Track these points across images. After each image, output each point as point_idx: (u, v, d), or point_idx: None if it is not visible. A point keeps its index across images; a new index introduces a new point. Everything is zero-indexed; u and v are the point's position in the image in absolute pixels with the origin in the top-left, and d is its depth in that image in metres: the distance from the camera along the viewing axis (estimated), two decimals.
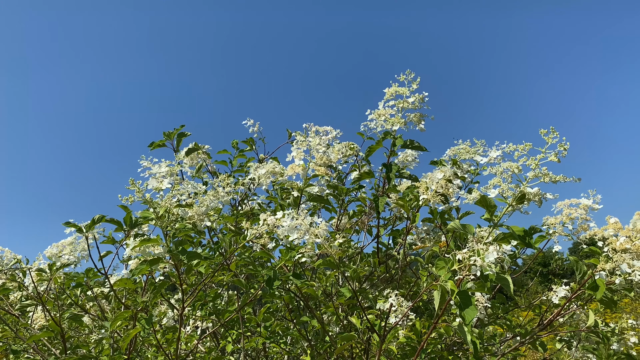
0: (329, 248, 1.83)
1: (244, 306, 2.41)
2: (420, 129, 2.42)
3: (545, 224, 1.94)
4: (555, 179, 1.75)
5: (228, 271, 2.09)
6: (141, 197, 1.64)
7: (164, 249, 1.70)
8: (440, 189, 1.98)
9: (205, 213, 1.97)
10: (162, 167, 1.82)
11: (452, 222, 1.88)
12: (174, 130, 2.83)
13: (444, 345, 2.61)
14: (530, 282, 6.43)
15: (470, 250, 1.57)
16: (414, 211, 2.23)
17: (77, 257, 2.22)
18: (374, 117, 2.44)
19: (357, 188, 2.81)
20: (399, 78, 2.40)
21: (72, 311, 2.34)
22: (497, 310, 2.62)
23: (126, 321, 2.12)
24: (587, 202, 1.87)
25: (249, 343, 2.57)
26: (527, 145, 1.75)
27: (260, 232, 1.84)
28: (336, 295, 2.46)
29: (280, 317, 2.85)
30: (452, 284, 1.53)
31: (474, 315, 1.52)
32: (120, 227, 2.06)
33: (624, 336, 2.42)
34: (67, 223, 2.02)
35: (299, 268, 2.58)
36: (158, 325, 2.88)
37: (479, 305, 2.29)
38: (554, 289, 2.30)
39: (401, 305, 2.17)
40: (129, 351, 2.14)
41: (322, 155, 2.34)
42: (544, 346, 2.41)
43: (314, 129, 2.43)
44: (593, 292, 1.81)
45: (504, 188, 1.77)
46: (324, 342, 2.53)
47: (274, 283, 1.89)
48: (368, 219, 2.91)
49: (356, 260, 2.71)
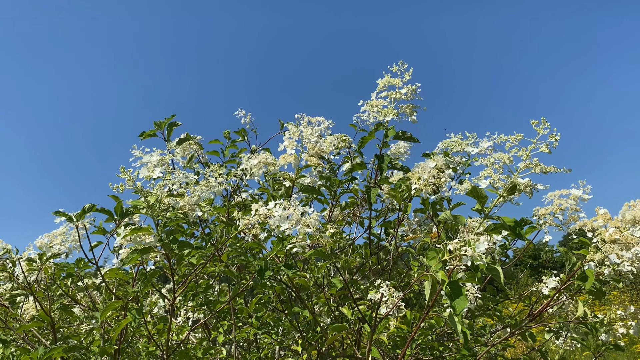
0: (321, 238, 1.83)
1: (236, 297, 2.41)
2: (412, 120, 2.42)
3: (535, 215, 1.95)
4: (547, 170, 1.76)
5: (220, 262, 2.09)
6: (132, 186, 1.63)
7: (155, 238, 1.69)
8: (432, 179, 1.99)
9: (197, 203, 1.96)
10: (154, 156, 1.81)
11: (444, 212, 1.89)
12: (165, 120, 2.81)
13: (435, 336, 2.63)
14: (520, 274, 6.48)
15: (461, 241, 1.58)
16: (406, 202, 2.23)
17: (68, 247, 2.21)
18: (366, 108, 2.44)
19: (350, 179, 2.81)
20: (391, 69, 2.39)
21: (62, 302, 2.33)
22: (488, 302, 2.64)
23: (117, 311, 2.11)
24: (577, 192, 1.89)
25: (241, 334, 2.57)
26: (518, 136, 1.76)
27: (252, 222, 1.84)
28: (328, 286, 2.47)
29: (271, 308, 2.85)
30: (443, 274, 1.53)
31: (464, 305, 1.52)
32: (111, 217, 2.05)
33: (613, 327, 2.45)
34: (58, 212, 2.00)
35: (291, 259, 2.58)
36: (149, 315, 2.87)
37: (470, 296, 2.31)
38: (544, 280, 2.32)
39: (392, 295, 2.18)
40: (119, 341, 2.13)
41: (314, 145, 2.34)
42: (533, 337, 2.43)
43: (306, 119, 2.42)
44: (582, 282, 1.82)
45: (495, 179, 1.78)
46: (315, 333, 2.53)
47: (266, 273, 1.89)
48: (360, 210, 2.92)
49: (348, 252, 2.72)
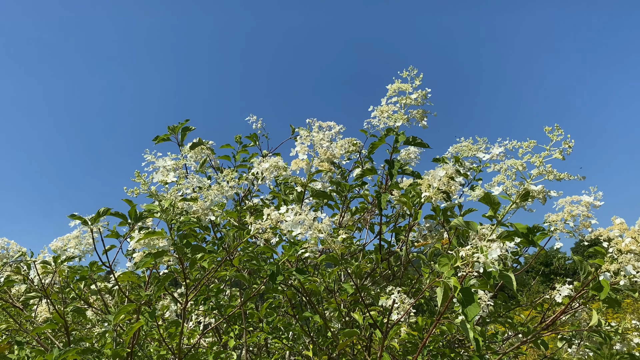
0: (332, 244, 1.83)
1: (247, 301, 2.42)
2: (422, 125, 2.42)
3: (546, 221, 1.94)
4: (560, 177, 1.75)
5: (231, 266, 2.10)
6: (146, 190, 1.64)
7: (169, 242, 1.71)
8: (442, 186, 1.98)
9: (209, 207, 1.98)
10: (168, 160, 1.83)
11: (455, 219, 1.88)
12: (179, 124, 2.83)
13: (446, 342, 2.62)
14: (532, 281, 6.42)
15: (473, 247, 1.57)
16: (417, 208, 2.23)
17: (82, 250, 2.23)
18: (376, 114, 2.45)
19: (360, 185, 2.81)
20: (401, 74, 2.40)
21: (75, 304, 2.36)
22: (499, 309, 2.62)
23: (129, 315, 2.12)
24: (588, 199, 1.87)
25: (251, 338, 2.58)
26: (531, 142, 1.75)
27: (264, 226, 1.85)
28: (338, 292, 2.47)
29: (282, 313, 2.86)
30: (455, 281, 1.53)
31: (476, 312, 1.52)
32: (125, 221, 2.07)
33: (627, 336, 2.42)
34: (72, 215, 2.03)
35: (302, 264, 2.58)
36: (161, 319, 2.89)
37: (482, 303, 2.29)
38: (557, 287, 2.29)
39: (403, 302, 2.17)
40: (132, 345, 2.15)
41: (326, 150, 2.34)
42: (546, 345, 2.41)
43: (317, 124, 2.43)
44: (597, 292, 1.80)
45: (508, 185, 1.76)
46: (326, 338, 2.53)
47: (277, 278, 1.90)
48: (370, 215, 2.92)
49: (358, 257, 2.72)
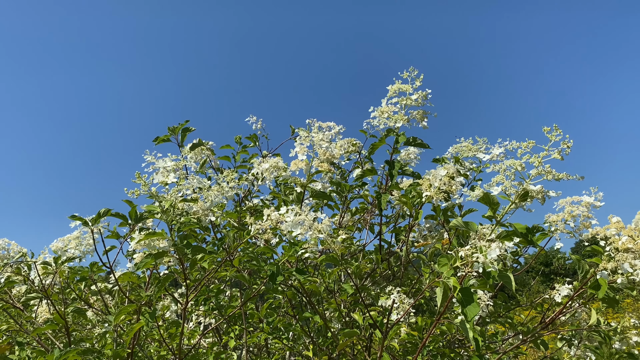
0: (332, 244, 1.84)
1: (247, 302, 2.42)
2: (423, 126, 2.43)
3: (547, 222, 1.94)
4: (559, 177, 1.75)
5: (231, 267, 2.11)
6: (147, 191, 1.65)
7: (169, 242, 1.71)
8: (443, 186, 1.99)
9: (209, 208, 1.98)
10: (168, 161, 1.83)
11: (455, 219, 1.89)
12: (179, 125, 2.84)
13: (446, 342, 2.62)
14: (532, 281, 6.43)
15: (472, 247, 1.58)
16: (417, 208, 2.23)
17: (82, 251, 2.23)
18: (376, 114, 2.45)
19: (360, 185, 2.81)
20: (402, 75, 2.40)
21: (76, 305, 2.36)
22: (499, 309, 2.62)
23: (130, 315, 2.13)
24: (588, 199, 1.88)
25: (252, 339, 2.58)
26: (530, 142, 1.75)
27: (264, 227, 1.85)
28: (338, 292, 2.47)
29: (282, 313, 2.86)
30: (455, 281, 1.53)
31: (476, 312, 1.52)
32: (125, 221, 2.08)
33: (626, 335, 2.43)
34: (73, 216, 2.03)
35: (302, 264, 2.59)
36: (161, 319, 2.89)
37: (481, 303, 2.30)
38: (557, 287, 2.30)
39: (403, 302, 2.18)
40: (132, 345, 2.15)
41: (325, 151, 2.35)
42: (546, 345, 2.41)
43: (317, 124, 2.44)
44: (595, 291, 1.81)
45: (507, 185, 1.77)
46: (326, 338, 2.54)
47: (277, 279, 1.90)
48: (370, 216, 2.92)
49: (358, 258, 2.72)
